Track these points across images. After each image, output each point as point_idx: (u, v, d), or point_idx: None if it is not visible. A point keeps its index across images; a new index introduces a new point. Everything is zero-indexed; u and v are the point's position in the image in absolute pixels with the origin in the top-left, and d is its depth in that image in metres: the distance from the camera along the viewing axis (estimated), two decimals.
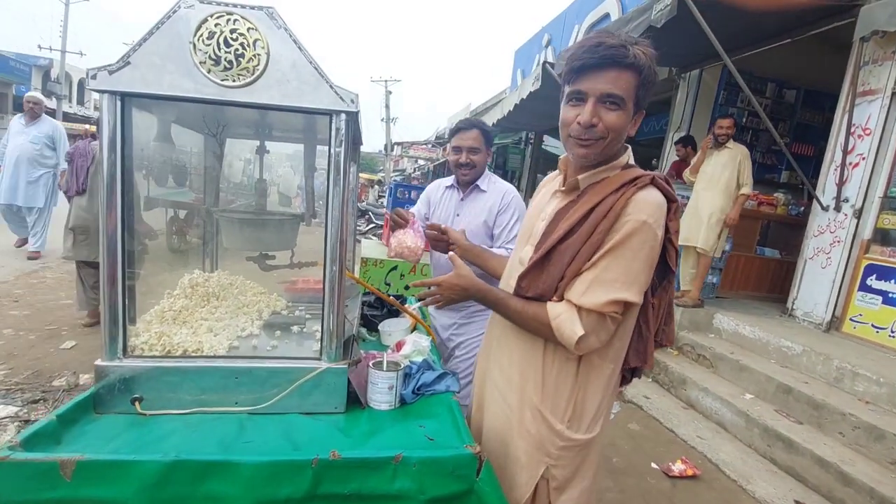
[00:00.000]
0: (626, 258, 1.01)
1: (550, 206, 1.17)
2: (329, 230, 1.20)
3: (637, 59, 0.98)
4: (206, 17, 1.08)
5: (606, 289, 1.01)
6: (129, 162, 1.14)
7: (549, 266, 1.08)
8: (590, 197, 1.07)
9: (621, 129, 1.03)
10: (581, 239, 1.04)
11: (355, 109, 1.17)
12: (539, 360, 1.14)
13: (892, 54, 3.65)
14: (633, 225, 0.99)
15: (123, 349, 1.18)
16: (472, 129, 2.07)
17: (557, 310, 1.06)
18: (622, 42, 0.98)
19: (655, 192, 1.04)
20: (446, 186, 2.24)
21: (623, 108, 1.01)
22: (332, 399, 1.24)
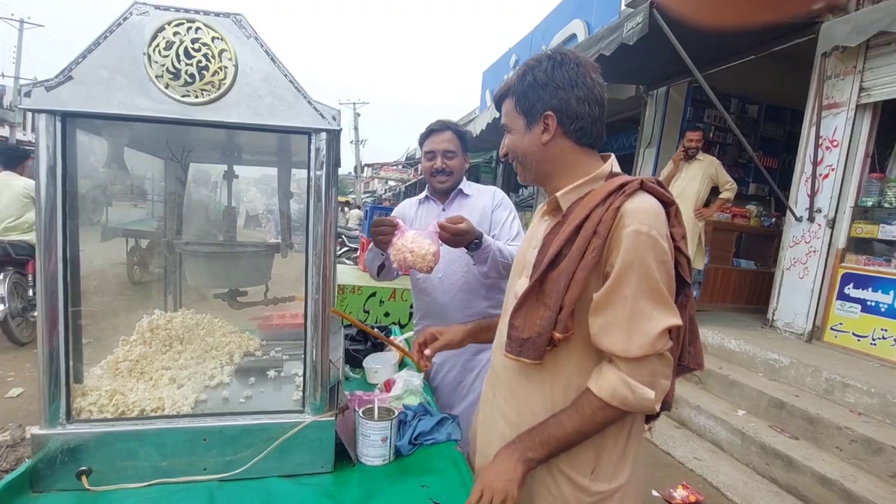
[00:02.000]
0: (644, 279, 0.88)
1: (539, 231, 1.06)
2: (310, 262, 1.06)
3: (507, 85, 1.05)
4: (162, 24, 0.94)
5: (647, 322, 0.88)
6: (71, 192, 0.98)
7: (545, 297, 0.94)
8: (575, 214, 0.95)
9: (514, 146, 1.05)
10: (573, 261, 0.91)
11: (337, 127, 1.04)
12: (547, 407, 0.99)
13: (853, 69, 3.76)
14: (634, 239, 0.87)
15: (67, 413, 1.00)
16: (445, 130, 1.84)
17: (608, 383, 0.90)
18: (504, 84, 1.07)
19: (648, 198, 0.92)
20: (419, 201, 1.96)
21: (510, 130, 1.06)
22: (318, 457, 1.08)
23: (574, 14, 7.61)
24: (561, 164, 1.02)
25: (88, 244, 1.46)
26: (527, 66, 1.02)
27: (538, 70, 0.99)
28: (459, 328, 1.30)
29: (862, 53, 3.68)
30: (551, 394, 0.98)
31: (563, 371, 0.98)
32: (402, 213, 1.96)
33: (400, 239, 1.41)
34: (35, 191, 0.94)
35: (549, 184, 1.05)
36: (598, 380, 0.92)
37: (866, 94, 3.67)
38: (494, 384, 1.11)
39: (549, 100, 0.98)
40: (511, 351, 0.98)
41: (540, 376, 1.00)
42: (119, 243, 1.77)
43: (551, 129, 0.99)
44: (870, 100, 3.65)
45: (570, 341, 0.94)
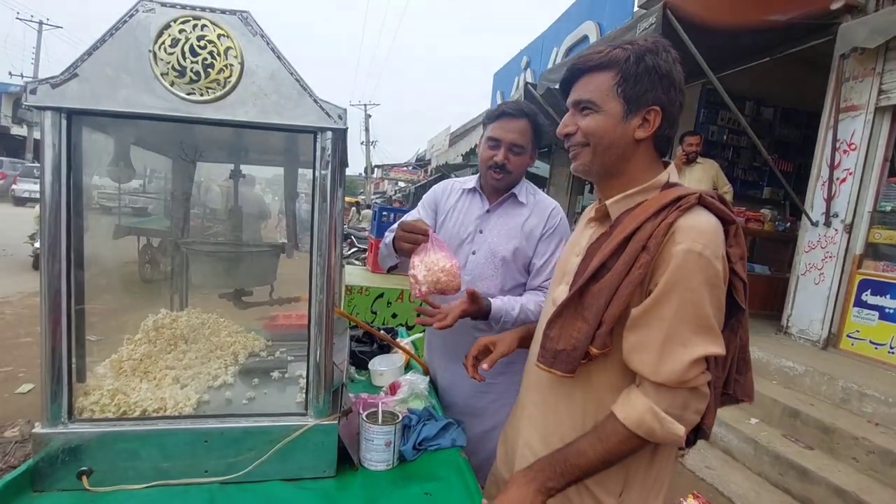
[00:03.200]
0: (688, 302, 0.81)
1: (584, 238, 1.01)
2: (315, 264, 1.04)
3: (609, 57, 0.90)
4: (168, 22, 0.93)
5: (681, 349, 0.82)
6: (77, 191, 0.97)
7: (584, 311, 0.89)
8: (624, 225, 0.89)
9: (600, 131, 0.92)
10: (618, 276, 0.86)
11: (343, 126, 1.02)
12: (576, 420, 0.95)
13: (872, 70, 3.68)
14: (684, 258, 0.81)
15: (69, 412, 0.99)
16: (521, 117, 1.51)
17: (635, 412, 0.85)
18: (595, 49, 0.93)
19: (705, 215, 0.85)
20: (465, 191, 1.66)
21: (597, 110, 0.92)
22: (320, 461, 1.06)
23: (586, 15, 7.57)
24: (634, 165, 0.95)
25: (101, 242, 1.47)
26: (640, 47, 0.90)
27: (658, 58, 0.89)
28: (511, 335, 1.24)
29: (881, 55, 3.60)
30: (582, 408, 0.95)
31: (596, 386, 0.93)
32: (438, 193, 1.72)
33: (433, 255, 1.27)
34: (40, 188, 0.94)
35: (608, 182, 0.97)
36: (625, 406, 0.86)
37: (886, 97, 3.59)
38: (526, 389, 1.09)
39: (661, 95, 0.90)
40: (543, 361, 0.93)
41: (571, 388, 0.96)
42: (131, 241, 1.77)
43: (652, 125, 0.91)
44: (889, 102, 3.57)
45: (606, 357, 0.89)
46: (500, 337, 1.24)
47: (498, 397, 1.60)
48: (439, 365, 1.73)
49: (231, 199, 1.47)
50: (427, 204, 1.72)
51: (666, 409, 0.83)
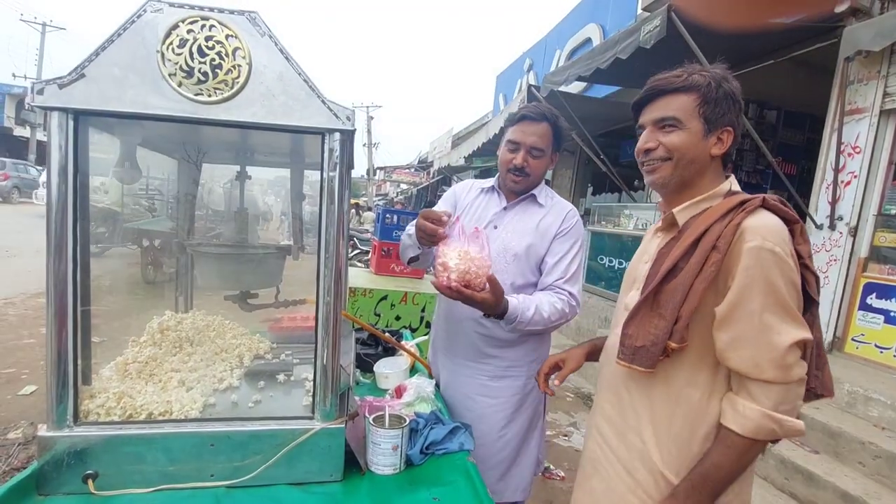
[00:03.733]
0: (770, 293, 0.88)
1: (652, 246, 1.09)
2: (322, 266, 1.03)
3: (690, 81, 1.00)
4: (176, 22, 0.93)
5: (775, 336, 0.87)
6: (83, 192, 0.97)
7: (659, 308, 0.96)
8: (693, 228, 0.96)
9: (685, 147, 1.00)
10: (691, 274, 0.92)
11: (351, 128, 1.02)
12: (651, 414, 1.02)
13: (877, 73, 3.67)
14: (757, 254, 0.88)
15: (74, 415, 0.98)
16: (541, 121, 1.52)
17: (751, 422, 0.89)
18: (672, 74, 1.03)
19: (769, 215, 0.93)
20: (484, 189, 1.69)
21: (681, 128, 1.00)
22: (327, 465, 1.05)
23: (589, 18, 7.57)
24: (705, 178, 1.04)
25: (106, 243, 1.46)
26: (717, 74, 1.01)
27: (731, 84, 1.01)
28: (579, 351, 1.32)
29: (886, 58, 3.59)
30: (660, 404, 1.00)
31: (673, 382, 0.99)
32: (458, 191, 1.73)
33: (469, 246, 1.24)
34: (46, 190, 0.93)
35: (680, 194, 1.05)
36: (737, 417, 0.90)
37: (891, 100, 3.58)
38: (601, 391, 1.17)
39: (733, 117, 1.01)
40: (624, 358, 1.00)
41: (649, 386, 1.02)
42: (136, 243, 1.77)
43: (725, 144, 1.02)
44: (894, 105, 3.56)
45: (682, 353, 0.95)
46: (569, 354, 1.31)
47: (495, 401, 1.60)
48: (443, 365, 1.73)
49: (236, 200, 1.46)
50: (446, 198, 1.74)
51: (776, 406, 0.88)
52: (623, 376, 1.06)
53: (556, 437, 3.40)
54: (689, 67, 1.04)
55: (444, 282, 1.24)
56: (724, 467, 0.91)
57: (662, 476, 0.99)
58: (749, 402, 0.89)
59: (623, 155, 7.78)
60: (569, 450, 3.24)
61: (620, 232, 5.87)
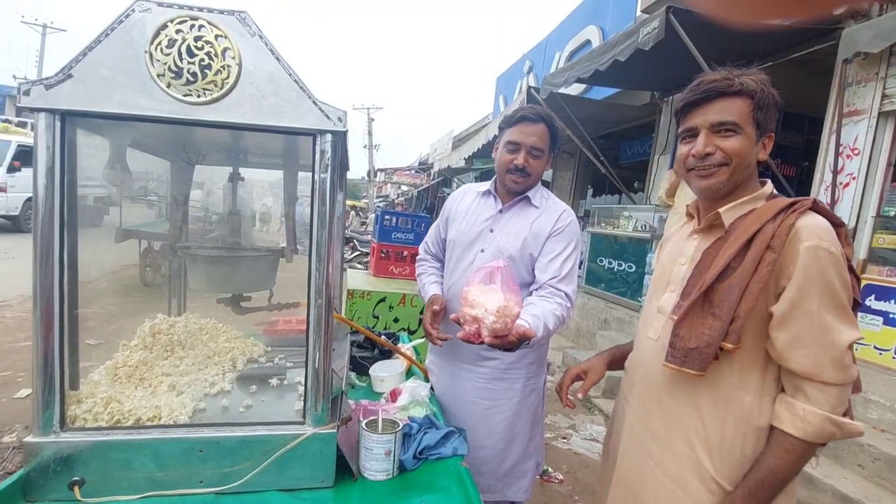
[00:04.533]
0: (828, 293, 0.88)
1: (688, 248, 1.08)
2: (314, 269, 1.02)
3: (745, 86, 0.98)
4: (165, 22, 0.92)
5: (836, 335, 0.88)
6: (71, 194, 0.96)
7: (713, 308, 0.94)
8: (744, 228, 0.95)
9: (744, 152, 0.99)
10: (746, 273, 0.92)
11: (343, 129, 1.00)
12: (698, 420, 1.00)
13: (875, 75, 3.66)
14: (814, 253, 0.88)
15: (61, 420, 0.97)
16: (539, 121, 1.53)
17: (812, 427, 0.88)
18: (724, 75, 1.01)
19: (820, 217, 0.93)
20: (479, 192, 1.67)
21: (740, 133, 0.99)
22: (318, 471, 1.03)
23: (589, 20, 7.57)
24: (749, 183, 1.04)
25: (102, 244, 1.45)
26: (763, 79, 1.00)
27: (773, 92, 1.00)
28: (599, 360, 1.31)
29: (885, 60, 3.58)
30: (708, 409, 0.98)
31: (721, 385, 0.97)
32: (449, 203, 1.73)
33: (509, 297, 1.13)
34: (33, 191, 0.92)
35: (725, 198, 1.04)
36: (796, 420, 0.90)
37: (889, 102, 3.57)
38: (636, 399, 1.13)
39: (773, 124, 1.02)
40: (674, 361, 0.97)
41: (695, 390, 1.00)
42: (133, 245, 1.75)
43: (768, 150, 1.03)
44: (893, 107, 3.55)
45: (731, 355, 0.94)
46: (591, 365, 1.30)
47: (493, 404, 1.59)
48: (441, 367, 1.71)
49: (230, 202, 1.45)
50: (442, 213, 1.77)
51: (834, 409, 0.88)
52: (666, 383, 1.04)
53: (554, 439, 3.38)
54: (732, 71, 1.02)
55: (473, 335, 1.13)
56: (781, 472, 0.90)
57: (717, 484, 0.97)
58: (809, 406, 0.88)
59: (622, 156, 7.77)
60: (567, 452, 3.22)
61: (620, 234, 5.86)
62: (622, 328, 5.31)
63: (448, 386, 1.67)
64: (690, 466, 0.99)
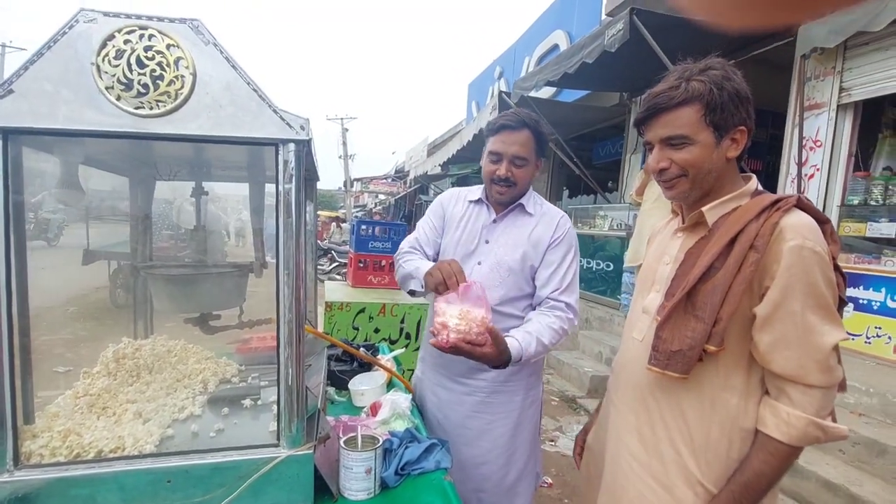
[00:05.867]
0: (812, 294, 0.86)
1: (672, 247, 1.06)
2: (282, 283, 0.98)
3: (690, 91, 0.95)
4: (112, 32, 0.87)
5: (819, 337, 0.86)
6: (18, 216, 0.90)
7: (696, 310, 0.93)
8: (727, 227, 0.93)
9: (698, 162, 0.97)
10: (729, 274, 0.90)
11: (306, 137, 0.97)
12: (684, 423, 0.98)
13: (833, 69, 3.79)
14: (798, 253, 0.86)
15: (14, 458, 0.90)
16: (521, 128, 1.46)
17: (796, 430, 0.87)
18: (670, 85, 0.98)
19: (805, 215, 0.91)
20: (471, 200, 1.61)
21: (692, 143, 0.97)
22: (296, 495, 0.99)
23: (555, 25, 7.68)
24: (726, 181, 1.01)
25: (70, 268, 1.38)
26: (715, 76, 0.95)
27: (734, 82, 0.96)
28: None
29: (840, 54, 3.71)
30: (693, 411, 0.97)
31: (706, 387, 0.95)
32: (445, 202, 1.66)
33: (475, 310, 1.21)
34: None
35: (700, 201, 1.02)
36: (780, 424, 0.88)
37: (847, 94, 3.69)
38: (620, 402, 1.11)
39: (743, 115, 0.97)
40: (657, 364, 0.95)
41: (679, 392, 0.98)
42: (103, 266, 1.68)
43: (740, 145, 0.98)
44: (850, 99, 3.67)
45: (715, 356, 0.93)
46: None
47: (494, 418, 1.54)
48: (439, 383, 1.63)
49: (194, 218, 1.40)
50: (435, 211, 1.67)
51: (819, 412, 0.86)
52: (650, 385, 1.02)
53: (542, 443, 3.37)
54: (685, 70, 0.98)
55: (444, 342, 1.19)
56: (765, 476, 0.89)
57: (703, 487, 0.95)
58: (793, 409, 0.87)
59: (595, 157, 7.87)
60: (555, 455, 3.21)
61: (597, 233, 5.92)
62: (604, 327, 5.35)
63: (445, 402, 1.61)
64: (676, 469, 0.98)
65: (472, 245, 1.55)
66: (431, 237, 1.63)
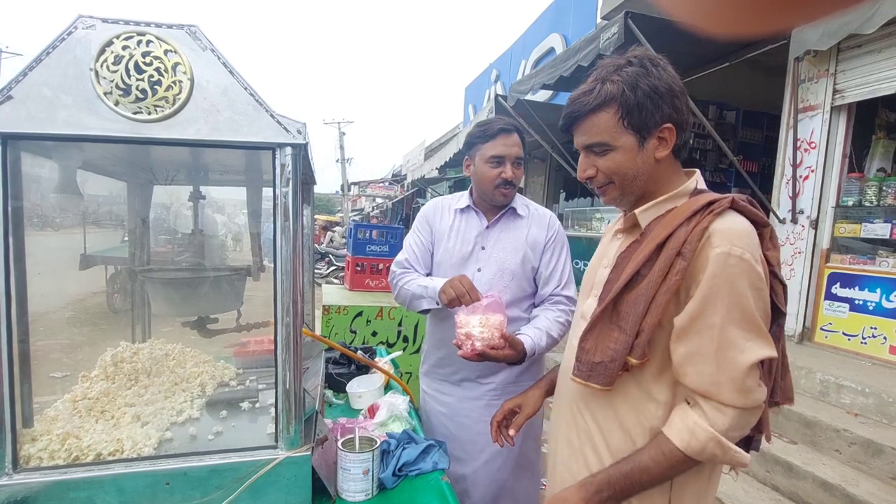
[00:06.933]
0: (736, 306, 0.79)
1: (612, 249, 1.00)
2: (279, 286, 0.99)
3: (603, 94, 0.90)
4: (110, 38, 0.88)
5: (738, 354, 0.79)
6: (17, 221, 0.91)
7: (619, 320, 0.88)
8: (656, 232, 0.88)
9: (621, 168, 0.93)
10: (654, 283, 0.84)
11: (303, 141, 0.98)
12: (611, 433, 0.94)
13: (826, 72, 3.82)
14: (724, 261, 0.79)
15: (14, 461, 0.91)
16: (514, 132, 1.52)
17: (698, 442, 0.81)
18: (581, 91, 0.93)
19: (739, 218, 0.84)
20: (458, 210, 1.60)
21: (612, 149, 0.92)
22: (294, 496, 0.99)
23: (551, 28, 7.72)
24: (662, 181, 0.94)
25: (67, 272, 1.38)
26: (629, 75, 0.89)
27: (651, 77, 0.88)
28: (535, 393, 1.24)
29: (834, 56, 3.74)
30: (620, 421, 0.93)
31: (633, 398, 0.91)
32: (428, 214, 1.65)
33: (494, 316, 1.27)
34: None
35: (637, 203, 0.97)
36: (683, 432, 0.83)
37: (840, 96, 3.72)
38: (557, 410, 1.08)
39: (668, 110, 0.89)
40: (580, 375, 0.91)
41: (608, 403, 0.94)
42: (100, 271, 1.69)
43: (669, 143, 0.91)
44: (844, 101, 3.70)
45: (642, 366, 0.88)
46: (525, 398, 1.24)
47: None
48: (448, 392, 1.62)
49: (192, 221, 1.40)
50: (420, 228, 1.65)
51: (727, 431, 0.81)
52: (579, 393, 0.98)
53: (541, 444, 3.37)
54: (602, 69, 0.93)
55: (469, 351, 1.25)
56: (649, 472, 0.85)
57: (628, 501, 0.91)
58: (701, 421, 0.82)
59: None
60: (544, 455, 3.21)
61: (594, 235, 5.94)
62: None
63: (456, 411, 1.60)
64: None
65: (468, 253, 1.56)
66: (421, 254, 1.62)
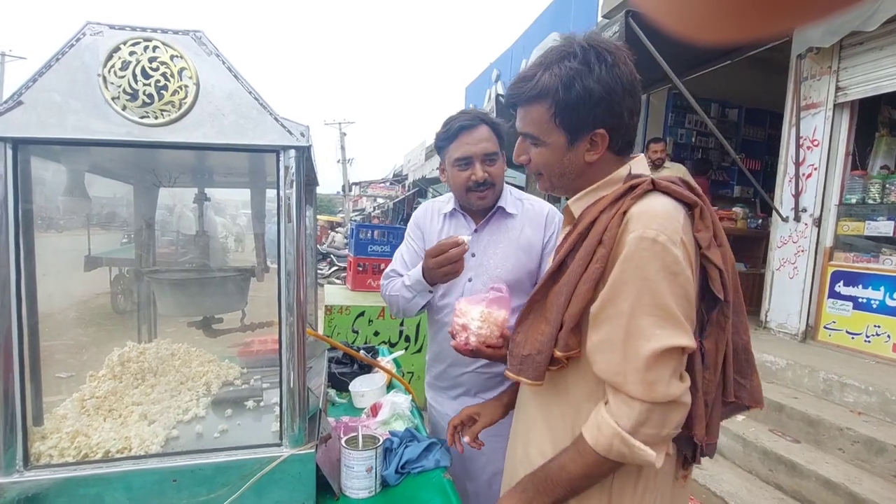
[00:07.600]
0: (646, 292, 0.74)
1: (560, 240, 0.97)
2: (283, 287, 1.01)
3: (541, 86, 0.85)
4: (117, 44, 0.90)
5: (644, 342, 0.74)
6: (27, 224, 0.93)
7: (546, 312, 0.85)
8: (583, 220, 0.85)
9: (548, 164, 0.91)
10: (575, 273, 0.80)
11: (306, 144, 1.00)
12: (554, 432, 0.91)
13: (829, 69, 3.82)
14: (637, 246, 0.75)
15: (24, 459, 0.93)
16: (478, 124, 1.36)
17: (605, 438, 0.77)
18: (526, 75, 0.89)
19: (660, 199, 0.79)
20: (445, 215, 1.49)
21: (540, 144, 0.90)
22: (298, 493, 1.01)
23: (552, 27, 7.71)
24: (596, 177, 0.90)
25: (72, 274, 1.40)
26: (567, 72, 0.83)
27: (590, 79, 0.82)
28: (496, 403, 1.17)
29: (836, 54, 3.74)
30: (561, 420, 0.90)
31: (572, 393, 0.88)
32: (420, 219, 1.56)
33: (497, 311, 1.13)
34: None
35: (575, 193, 0.94)
36: (593, 429, 0.80)
37: (843, 94, 3.72)
38: (517, 406, 1.06)
39: (603, 116, 0.84)
40: (511, 369, 0.89)
41: (549, 400, 0.91)
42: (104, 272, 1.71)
43: (601, 148, 0.86)
44: (846, 98, 3.70)
45: (580, 361, 0.84)
46: (484, 407, 1.17)
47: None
48: (452, 408, 1.52)
49: (197, 223, 1.42)
50: (413, 234, 1.57)
51: (636, 428, 0.75)
52: (525, 389, 0.96)
53: None
54: (548, 55, 0.87)
55: (463, 344, 1.13)
56: (568, 472, 0.82)
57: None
58: (607, 416, 0.78)
59: None
60: None
61: None
62: None
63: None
64: None
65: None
66: (412, 262, 1.50)
